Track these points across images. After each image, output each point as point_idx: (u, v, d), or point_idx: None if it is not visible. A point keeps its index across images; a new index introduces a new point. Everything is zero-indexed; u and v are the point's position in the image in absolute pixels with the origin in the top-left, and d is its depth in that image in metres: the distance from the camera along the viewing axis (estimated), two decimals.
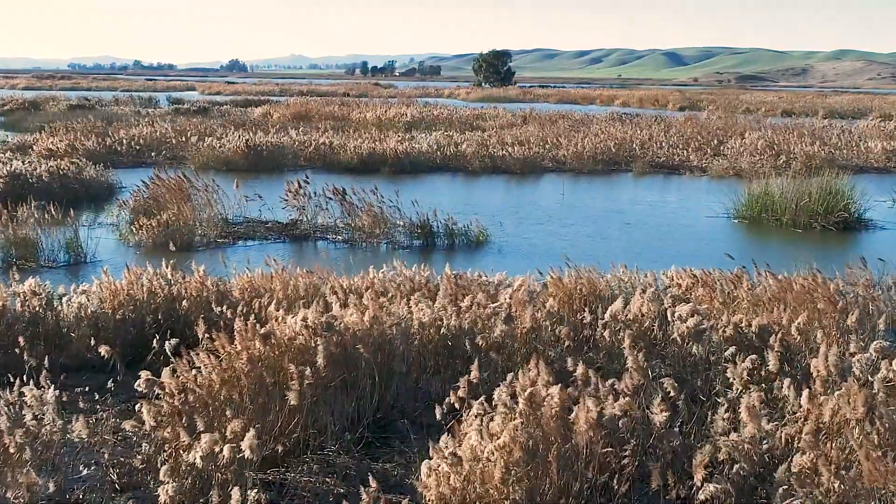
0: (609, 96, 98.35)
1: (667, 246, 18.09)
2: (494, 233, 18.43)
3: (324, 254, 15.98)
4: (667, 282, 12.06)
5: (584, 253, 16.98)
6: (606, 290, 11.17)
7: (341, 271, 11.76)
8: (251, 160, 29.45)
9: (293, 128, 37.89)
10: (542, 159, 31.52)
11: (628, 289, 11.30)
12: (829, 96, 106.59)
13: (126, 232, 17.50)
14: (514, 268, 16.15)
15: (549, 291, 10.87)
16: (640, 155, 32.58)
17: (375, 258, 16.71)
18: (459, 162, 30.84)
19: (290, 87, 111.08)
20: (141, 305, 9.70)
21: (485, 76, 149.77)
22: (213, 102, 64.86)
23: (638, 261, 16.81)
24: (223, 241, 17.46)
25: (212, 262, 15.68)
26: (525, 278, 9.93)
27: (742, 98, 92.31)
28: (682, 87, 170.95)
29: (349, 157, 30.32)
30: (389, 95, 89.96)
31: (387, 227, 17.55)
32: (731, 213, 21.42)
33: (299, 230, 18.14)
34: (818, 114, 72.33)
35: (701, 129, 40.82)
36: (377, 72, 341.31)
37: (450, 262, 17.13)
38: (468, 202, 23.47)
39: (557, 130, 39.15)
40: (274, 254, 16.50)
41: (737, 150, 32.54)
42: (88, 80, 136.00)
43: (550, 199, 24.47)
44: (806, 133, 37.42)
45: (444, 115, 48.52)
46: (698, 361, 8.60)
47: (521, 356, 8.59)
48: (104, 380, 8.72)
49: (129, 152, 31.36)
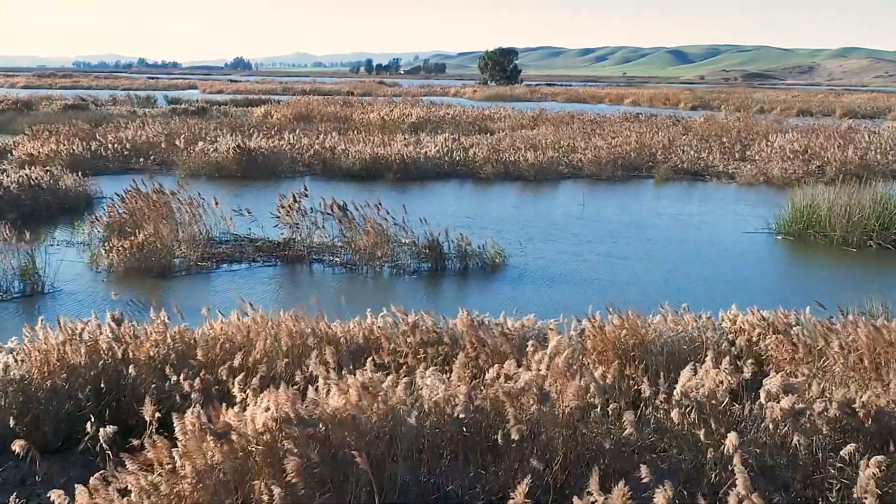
0: (618, 95, 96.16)
1: (706, 269, 16.01)
2: (512, 253, 16.35)
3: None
4: (728, 325, 10.00)
5: (614, 278, 14.94)
6: (655, 339, 9.12)
7: (337, 309, 9.66)
8: (244, 166, 27.39)
9: (293, 129, 35.86)
10: (558, 164, 29.40)
11: (683, 339, 9.24)
12: (843, 95, 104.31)
13: (97, 254, 15.37)
14: (537, 297, 14.21)
15: (590, 346, 8.85)
16: (661, 160, 30.43)
17: (377, 285, 14.68)
18: (469, 168, 28.77)
19: (293, 86, 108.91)
20: (78, 372, 7.64)
21: (491, 74, 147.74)
22: (213, 102, 62.76)
23: (677, 289, 14.78)
24: (205, 264, 15.36)
25: (189, 293, 13.70)
26: (561, 339, 7.85)
27: (755, 97, 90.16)
28: (690, 85, 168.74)
29: (351, 162, 28.25)
30: (394, 94, 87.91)
31: (391, 247, 15.46)
32: (772, 227, 19.33)
33: (292, 251, 16.05)
34: (835, 113, 70.36)
35: (722, 130, 38.69)
36: (382, 70, 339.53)
37: (463, 291, 15.24)
38: (480, 214, 21.41)
39: (572, 133, 37.05)
40: (262, 281, 14.55)
41: (766, 155, 30.41)
42: (90, 79, 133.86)
43: (569, 210, 22.38)
44: (835, 135, 35.25)
45: (450, 116, 46.39)
46: (799, 456, 6.55)
47: (564, 448, 6.59)
48: (26, 471, 6.83)
49: (115, 157, 29.27)
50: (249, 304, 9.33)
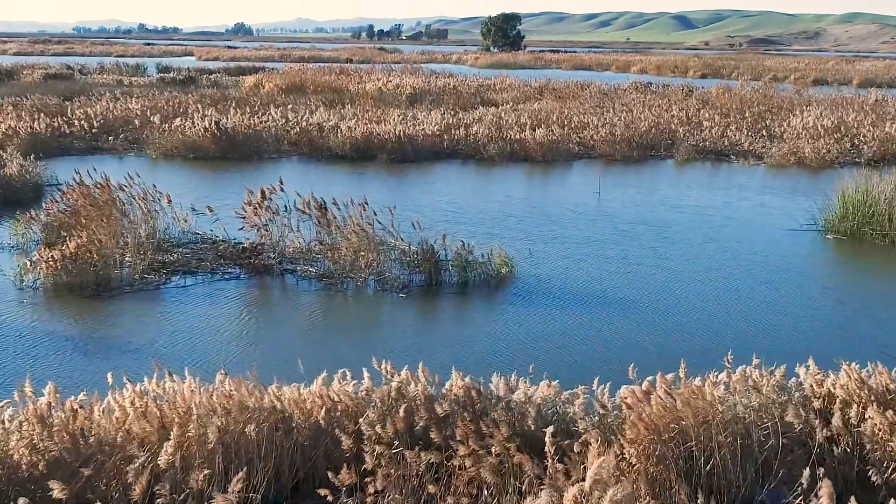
0: (625, 62, 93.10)
1: (749, 279, 13.48)
2: (519, 260, 13.81)
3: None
4: (808, 388, 7.55)
5: (637, 296, 12.38)
6: (715, 415, 6.71)
7: (306, 345, 7.25)
8: (223, 146, 24.79)
9: (281, 103, 33.29)
10: (568, 142, 26.77)
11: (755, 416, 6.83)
12: (854, 62, 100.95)
13: (23, 267, 12.68)
14: (550, 321, 11.64)
15: (632, 435, 6.40)
16: (681, 138, 27.77)
17: (358, 306, 12.16)
18: (471, 148, 26.16)
19: (291, 53, 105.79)
20: None
21: (493, 40, 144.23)
22: (204, 70, 59.91)
23: (718, 309, 11.97)
24: (153, 277, 12.78)
25: (129, 320, 11.13)
26: (608, 459, 5.40)
27: (766, 64, 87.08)
28: (695, 51, 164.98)
29: (341, 141, 25.63)
30: (394, 61, 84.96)
31: (377, 257, 12.89)
32: (818, 223, 16.78)
33: (260, 259, 13.49)
34: (853, 81, 67.48)
35: (741, 103, 35.99)
36: (383, 36, 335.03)
37: (462, 314, 12.67)
38: (482, 204, 18.89)
39: (581, 107, 34.32)
40: (219, 300, 12.01)
41: (796, 132, 27.76)
42: (84, 46, 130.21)
43: (582, 200, 19.76)
44: (867, 109, 32.59)
45: (451, 87, 43.65)
46: None
47: None
48: None
49: (82, 136, 26.66)
50: (168, 373, 6.87)
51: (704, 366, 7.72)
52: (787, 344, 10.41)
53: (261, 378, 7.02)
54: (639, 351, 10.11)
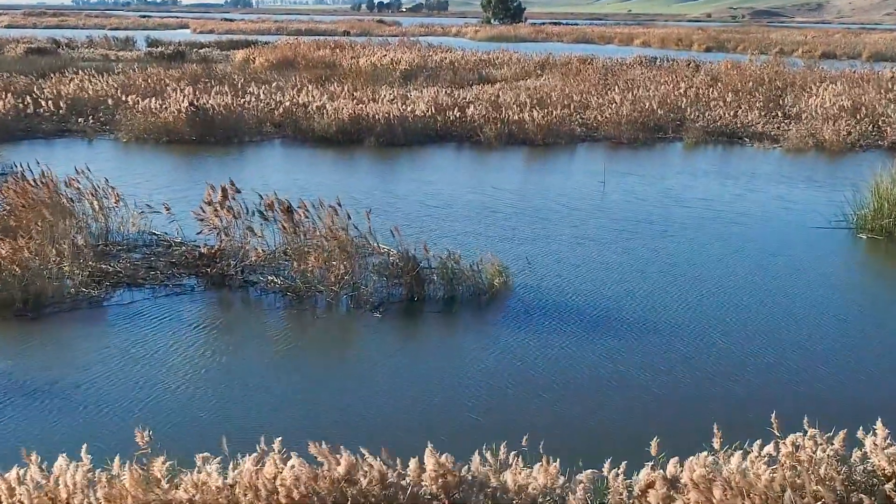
0: (628, 35, 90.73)
1: (774, 290, 11.80)
2: (515, 269, 12.13)
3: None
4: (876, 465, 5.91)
5: (649, 317, 10.65)
6: None
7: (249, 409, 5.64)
8: (200, 128, 23.03)
9: (268, 80, 31.54)
10: (570, 124, 25.02)
11: None
12: (861, 34, 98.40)
13: None
14: (549, 347, 9.87)
15: None
16: (691, 119, 25.99)
17: (327, 329, 10.51)
18: (466, 129, 24.39)
19: (288, 26, 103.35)
20: None
21: (494, 12, 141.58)
22: (195, 44, 57.84)
23: (745, 334, 9.79)
24: (94, 291, 11.09)
25: (59, 349, 9.43)
26: None
27: (771, 37, 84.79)
28: (698, 23, 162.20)
29: (328, 122, 23.87)
30: (391, 34, 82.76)
31: (351, 266, 11.20)
32: (849, 219, 15.06)
33: (219, 266, 11.80)
34: (862, 55, 65.43)
35: (752, 79, 34.07)
36: (384, 7, 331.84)
37: (446, 339, 10.97)
38: (474, 197, 17.21)
39: (584, 84, 32.47)
40: (166, 321, 10.31)
41: (814, 113, 25.97)
42: (78, 18, 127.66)
43: (586, 191, 18.02)
44: (885, 86, 30.76)
45: (448, 62, 41.79)
46: None
47: None
48: None
49: (50, 117, 24.90)
50: (40, 467, 5.25)
51: (737, 421, 6.10)
52: (839, 391, 8.75)
53: (189, 443, 5.40)
54: (658, 397, 8.46)
